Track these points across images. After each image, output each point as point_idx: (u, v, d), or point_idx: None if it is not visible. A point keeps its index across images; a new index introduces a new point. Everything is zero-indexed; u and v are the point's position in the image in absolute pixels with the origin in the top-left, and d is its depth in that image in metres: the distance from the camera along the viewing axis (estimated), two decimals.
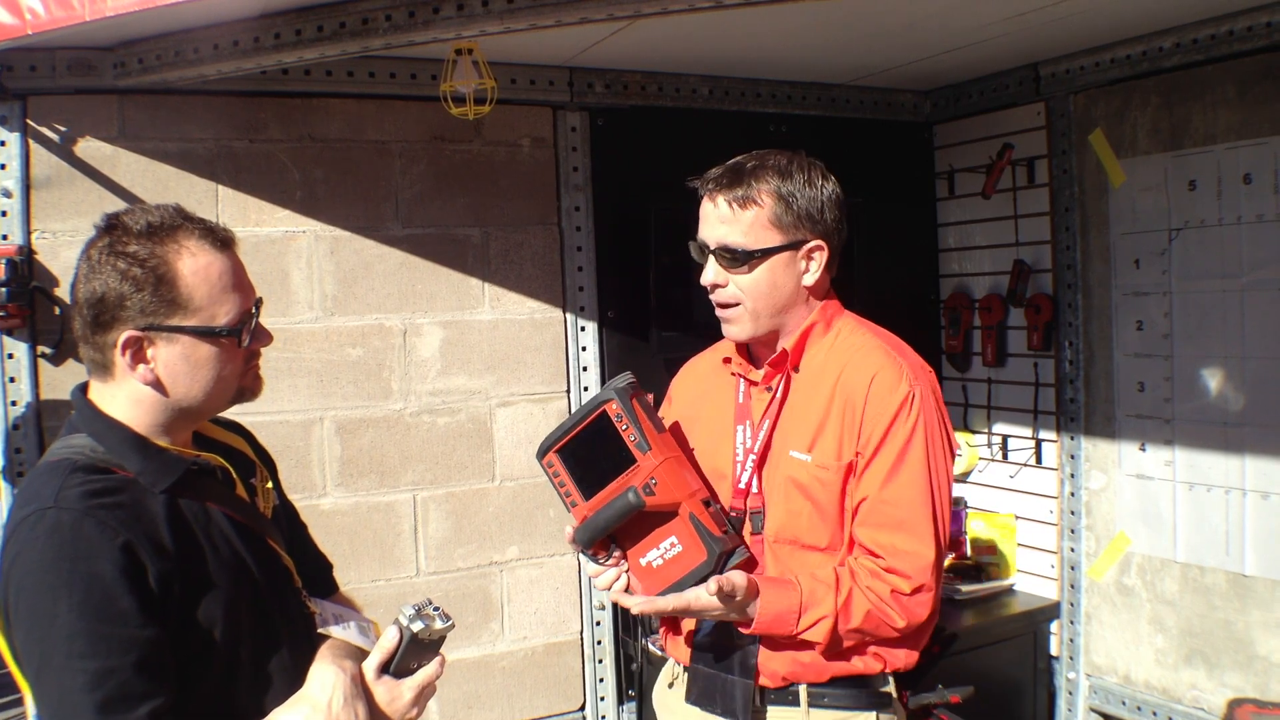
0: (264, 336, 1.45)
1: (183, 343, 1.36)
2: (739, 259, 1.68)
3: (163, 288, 1.33)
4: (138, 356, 1.35)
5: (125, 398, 1.38)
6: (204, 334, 1.36)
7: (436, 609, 1.45)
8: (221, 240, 1.40)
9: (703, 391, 1.90)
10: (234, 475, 1.48)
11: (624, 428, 1.62)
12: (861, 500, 1.65)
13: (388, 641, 1.45)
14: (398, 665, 1.44)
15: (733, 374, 1.82)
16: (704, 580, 1.62)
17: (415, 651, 1.45)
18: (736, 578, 1.57)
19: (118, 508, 1.28)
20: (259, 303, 1.45)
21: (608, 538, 1.69)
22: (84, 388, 1.42)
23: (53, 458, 1.36)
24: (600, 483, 1.66)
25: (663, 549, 1.65)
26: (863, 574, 1.64)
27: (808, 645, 1.66)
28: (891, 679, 1.73)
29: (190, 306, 1.35)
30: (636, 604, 1.65)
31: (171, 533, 1.32)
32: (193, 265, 1.35)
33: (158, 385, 1.37)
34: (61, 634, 1.22)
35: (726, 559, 1.63)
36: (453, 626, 1.46)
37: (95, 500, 1.27)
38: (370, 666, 1.44)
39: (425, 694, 1.47)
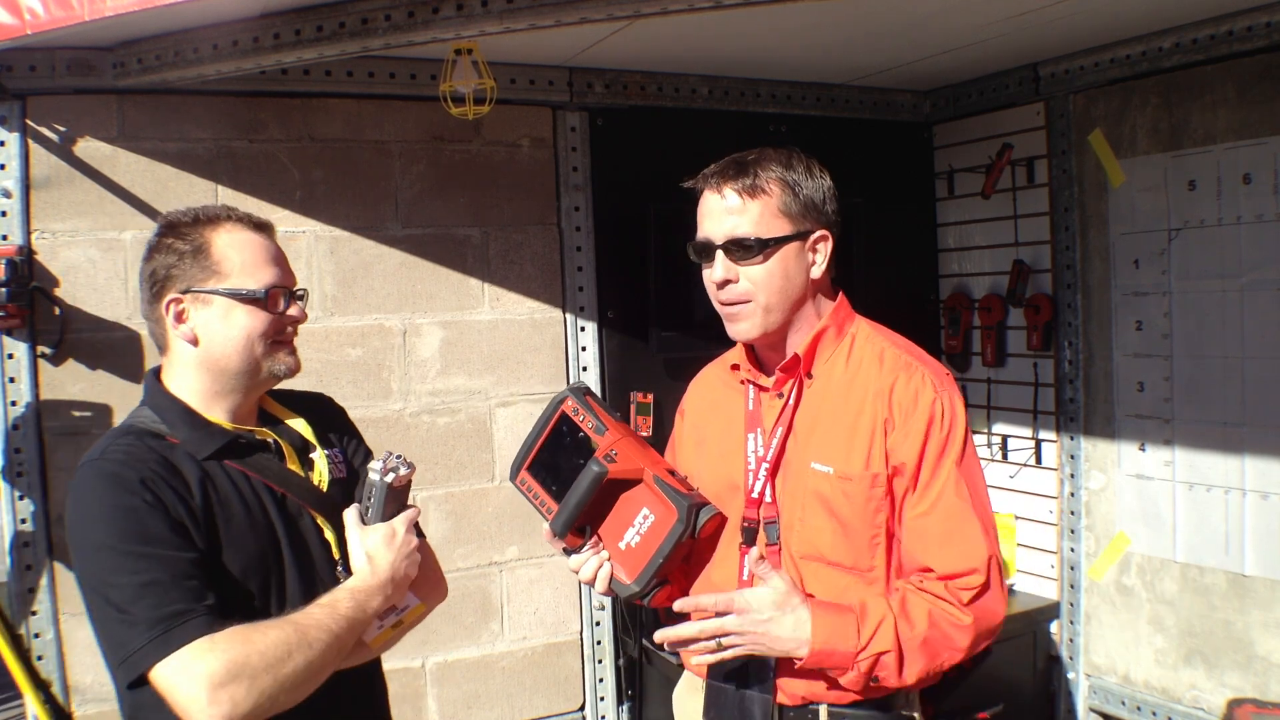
0: (295, 308, 1.61)
1: (217, 304, 1.54)
2: (752, 250, 1.62)
3: (200, 257, 1.54)
4: (179, 317, 1.54)
5: (179, 366, 1.58)
6: (234, 295, 1.54)
7: (399, 458, 1.61)
8: (257, 225, 1.61)
9: (712, 402, 1.86)
10: (285, 448, 1.63)
11: (581, 419, 1.67)
12: (905, 520, 1.62)
13: (369, 495, 1.62)
14: (382, 513, 1.61)
15: (742, 381, 1.78)
16: (679, 543, 1.60)
17: (392, 499, 1.61)
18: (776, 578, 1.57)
19: (154, 462, 1.46)
20: (301, 293, 1.63)
21: (581, 527, 1.67)
22: (157, 371, 1.62)
23: (119, 424, 1.58)
24: (569, 484, 1.66)
25: (637, 525, 1.63)
26: (913, 582, 1.60)
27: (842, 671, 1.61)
28: (915, 698, 1.68)
29: (222, 272, 1.54)
30: (681, 605, 1.61)
31: (202, 492, 1.48)
32: (228, 239, 1.56)
33: (196, 342, 1.55)
34: (107, 555, 1.39)
35: (697, 513, 1.60)
36: (414, 470, 1.64)
37: (134, 455, 1.46)
38: (354, 517, 1.61)
39: (411, 536, 1.62)
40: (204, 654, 1.35)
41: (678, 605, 1.62)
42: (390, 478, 1.59)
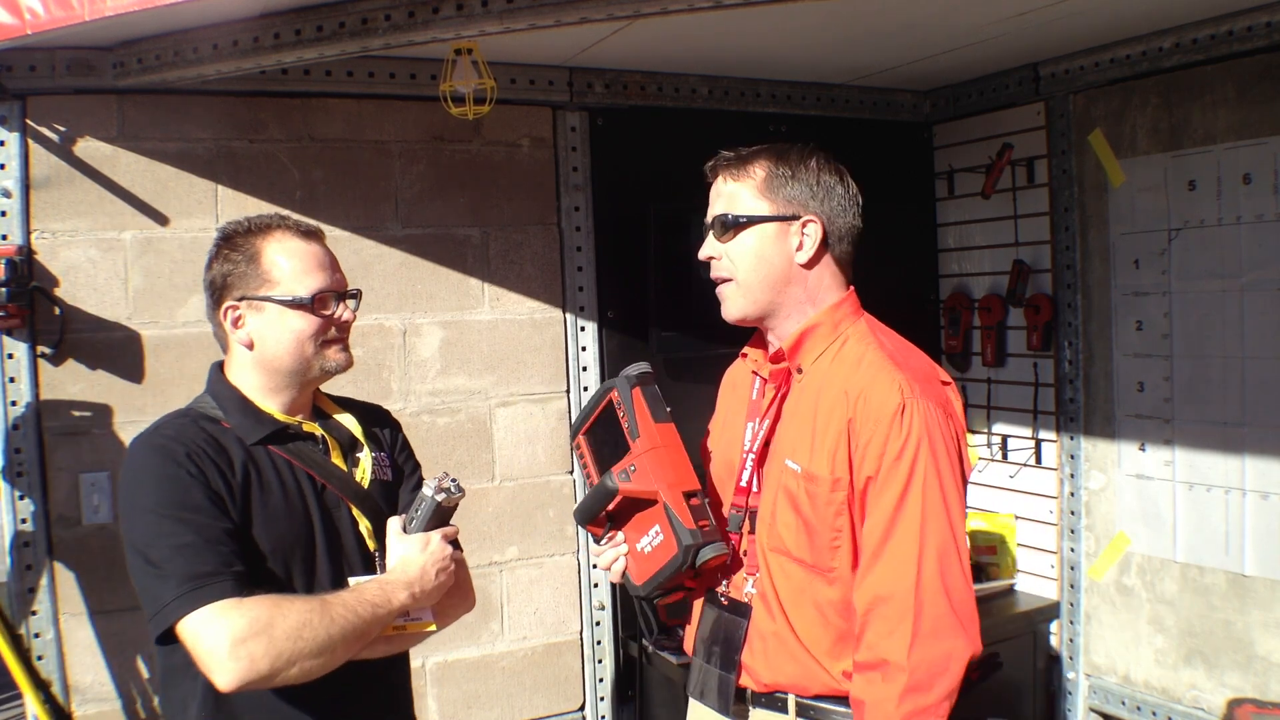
0: (343, 312, 1.70)
1: (269, 310, 1.65)
2: (729, 226, 1.68)
3: (252, 266, 1.65)
4: (236, 322, 1.66)
5: (238, 364, 1.69)
6: (283, 302, 1.64)
7: (454, 480, 1.69)
8: (305, 232, 1.71)
9: (732, 391, 1.92)
10: (331, 443, 1.73)
11: (621, 415, 1.69)
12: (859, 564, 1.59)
13: (416, 508, 1.70)
14: (425, 527, 1.69)
15: (751, 371, 1.82)
16: (678, 573, 1.62)
17: (437, 517, 1.70)
18: None
19: (201, 440, 1.58)
20: (353, 293, 1.73)
21: (604, 518, 1.73)
22: (221, 364, 1.74)
23: (180, 408, 1.70)
24: (607, 466, 1.71)
25: (650, 536, 1.66)
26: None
27: (802, 650, 1.64)
28: None
29: (272, 280, 1.65)
30: None
31: (244, 472, 1.59)
32: (277, 247, 1.66)
33: (251, 346, 1.66)
34: (150, 518, 1.50)
35: (697, 553, 1.61)
36: (464, 494, 1.71)
37: (184, 433, 1.58)
38: (396, 526, 1.69)
39: (445, 547, 1.69)
40: (230, 610, 1.44)
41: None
42: (442, 497, 1.68)
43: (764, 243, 1.68)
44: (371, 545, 1.71)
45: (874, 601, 1.54)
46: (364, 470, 1.76)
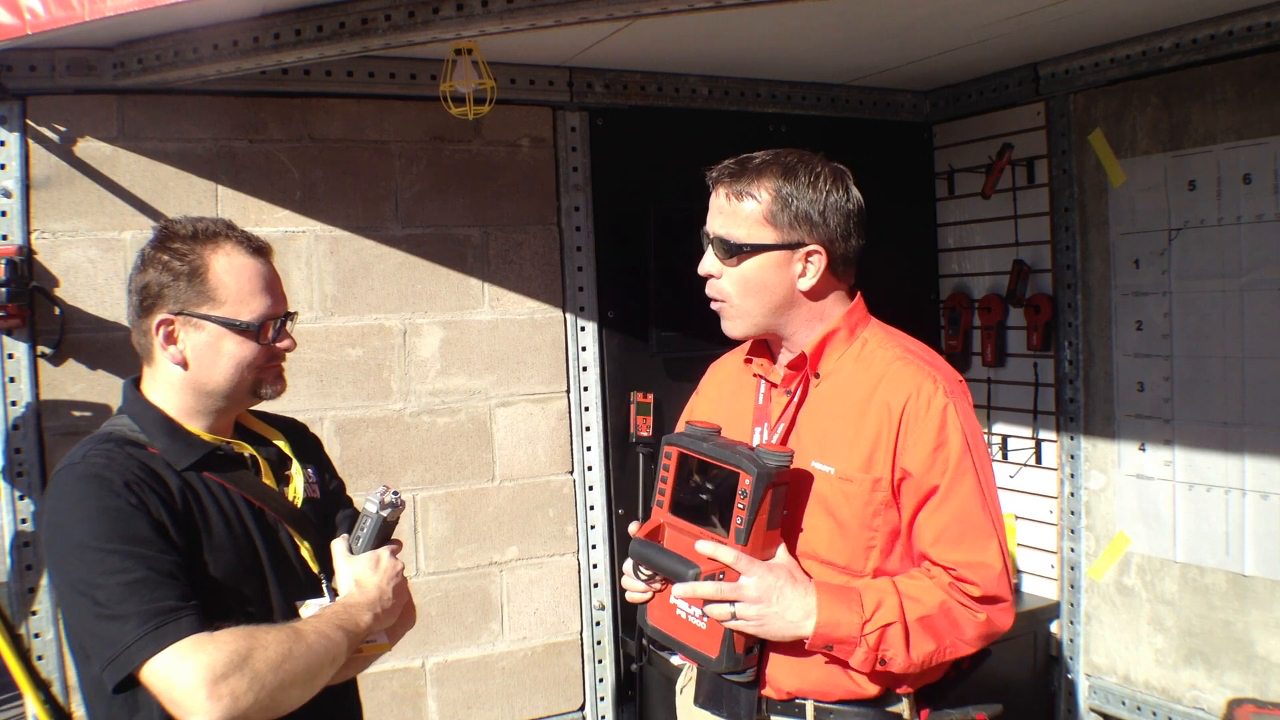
0: (285, 340, 1.62)
1: (209, 330, 1.53)
2: (730, 251, 1.65)
3: (196, 280, 1.52)
4: (169, 338, 1.53)
5: (162, 381, 1.56)
6: (227, 325, 1.53)
7: (395, 494, 1.65)
8: (256, 248, 1.59)
9: (727, 391, 1.88)
10: (261, 463, 1.63)
11: (741, 505, 1.55)
12: (917, 521, 1.61)
13: (361, 526, 1.65)
14: (371, 545, 1.65)
15: (754, 375, 1.80)
16: (694, 662, 1.65)
17: (382, 532, 1.66)
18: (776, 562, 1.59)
19: (135, 467, 1.45)
20: (290, 315, 1.63)
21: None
22: (136, 380, 1.61)
23: (97, 432, 1.55)
24: (693, 514, 1.63)
25: (693, 611, 1.62)
26: (921, 569, 1.62)
27: (824, 658, 1.60)
28: (905, 700, 1.67)
29: (217, 298, 1.53)
30: (681, 590, 1.59)
31: (183, 500, 1.48)
32: (225, 264, 1.54)
33: (185, 365, 1.54)
34: (92, 555, 1.36)
35: (727, 673, 1.62)
36: (404, 506, 1.69)
37: (115, 460, 1.45)
38: (342, 548, 1.63)
39: (396, 562, 1.65)
40: (204, 644, 1.32)
41: (677, 590, 1.60)
42: (387, 512, 1.64)
43: (765, 271, 1.65)
44: (315, 568, 1.63)
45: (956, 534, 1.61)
46: (295, 489, 1.67)
